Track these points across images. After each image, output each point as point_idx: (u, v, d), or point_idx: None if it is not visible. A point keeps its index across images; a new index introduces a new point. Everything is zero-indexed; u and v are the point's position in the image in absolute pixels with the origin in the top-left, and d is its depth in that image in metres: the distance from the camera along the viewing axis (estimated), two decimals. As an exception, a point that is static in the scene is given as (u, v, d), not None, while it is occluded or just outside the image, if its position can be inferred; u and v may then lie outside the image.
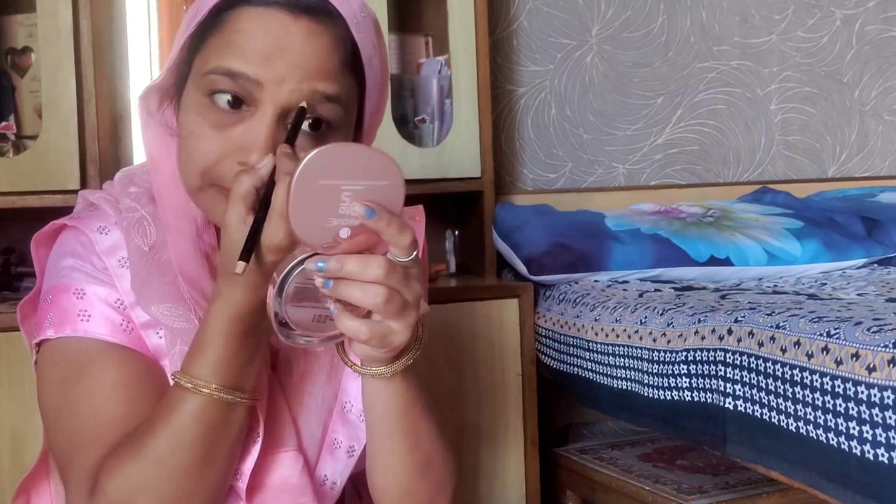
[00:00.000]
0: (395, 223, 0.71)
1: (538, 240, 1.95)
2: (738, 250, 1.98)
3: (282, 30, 0.80)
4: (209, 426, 0.79)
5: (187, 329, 0.85)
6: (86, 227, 0.90)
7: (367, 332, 0.73)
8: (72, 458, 0.83)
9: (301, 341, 0.77)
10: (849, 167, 2.74)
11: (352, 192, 0.69)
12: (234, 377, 0.80)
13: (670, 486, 1.74)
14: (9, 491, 1.51)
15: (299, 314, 0.75)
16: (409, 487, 0.89)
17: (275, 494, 0.88)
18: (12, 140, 1.79)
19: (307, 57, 0.80)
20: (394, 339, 0.75)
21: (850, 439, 1.09)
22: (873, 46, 2.75)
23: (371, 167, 0.70)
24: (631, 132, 2.49)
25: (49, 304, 0.88)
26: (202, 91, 0.82)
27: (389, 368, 0.81)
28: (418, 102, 2.09)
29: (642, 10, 2.49)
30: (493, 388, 1.84)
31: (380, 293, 0.72)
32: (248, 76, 0.80)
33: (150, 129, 0.91)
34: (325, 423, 0.93)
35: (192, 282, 0.87)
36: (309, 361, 0.93)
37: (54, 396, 0.86)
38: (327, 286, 0.72)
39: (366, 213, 0.70)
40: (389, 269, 0.72)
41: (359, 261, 0.71)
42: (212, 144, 0.82)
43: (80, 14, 1.73)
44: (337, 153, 0.69)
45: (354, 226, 0.71)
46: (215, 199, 0.83)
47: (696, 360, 1.40)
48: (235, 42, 0.81)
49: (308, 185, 0.69)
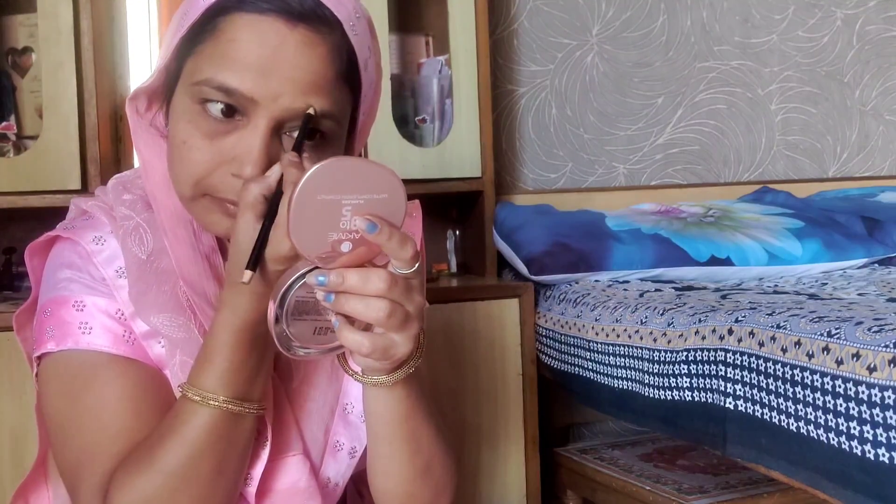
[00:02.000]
0: (397, 236, 0.71)
1: (539, 240, 1.95)
2: (739, 250, 1.98)
3: (277, 39, 0.79)
4: (219, 437, 0.79)
5: (188, 339, 0.85)
6: (81, 237, 0.88)
7: (370, 345, 0.73)
8: (81, 472, 0.83)
9: (301, 353, 0.77)
10: (849, 167, 2.74)
11: (352, 207, 0.69)
12: (242, 388, 0.79)
13: (671, 486, 1.74)
14: (9, 490, 1.51)
15: (300, 327, 0.75)
16: (411, 491, 0.89)
17: (284, 499, 0.88)
18: (13, 140, 1.79)
19: (303, 70, 0.79)
20: (396, 351, 0.75)
21: (850, 439, 1.09)
22: (874, 46, 2.75)
23: (371, 180, 0.70)
24: (631, 132, 2.49)
25: (48, 317, 0.87)
26: (193, 98, 0.81)
27: (390, 378, 0.80)
28: (419, 102, 2.09)
29: (643, 10, 2.49)
30: (493, 387, 1.84)
31: (382, 307, 0.71)
32: (242, 93, 0.78)
33: (140, 131, 0.90)
34: (326, 425, 0.93)
35: (193, 284, 0.87)
36: (309, 365, 0.93)
37: (59, 411, 0.85)
38: (328, 300, 0.72)
39: (367, 228, 0.69)
40: (391, 283, 0.71)
41: (360, 275, 0.71)
42: (204, 154, 0.81)
43: (81, 14, 1.73)
44: (337, 168, 0.69)
45: (355, 239, 0.70)
46: (208, 208, 0.83)
47: (697, 360, 1.40)
48: (230, 54, 0.79)
49: (308, 200, 0.68)
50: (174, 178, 0.85)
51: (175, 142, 0.83)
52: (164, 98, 0.88)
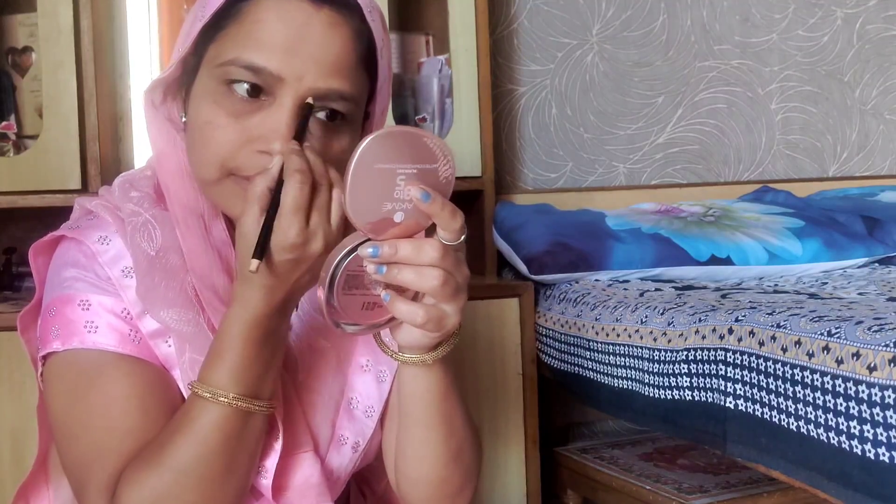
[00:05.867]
0: (448, 207, 0.71)
1: (539, 239, 1.95)
2: (739, 249, 1.98)
3: (303, 19, 0.80)
4: (230, 435, 0.79)
5: (196, 334, 0.84)
6: (86, 237, 0.88)
7: (424, 315, 0.73)
8: (89, 471, 0.82)
9: (349, 330, 0.77)
10: (850, 166, 2.74)
11: (406, 176, 0.69)
12: (253, 385, 0.79)
13: (671, 485, 1.74)
14: (9, 490, 1.51)
15: (348, 302, 0.74)
16: (444, 476, 0.89)
17: (299, 494, 0.88)
18: (13, 140, 1.79)
19: (327, 50, 0.80)
20: (447, 322, 0.75)
21: (850, 438, 1.09)
22: (874, 45, 2.75)
23: (423, 150, 0.70)
24: (631, 131, 2.49)
25: (53, 316, 0.86)
26: (219, 80, 0.81)
27: (431, 355, 0.80)
28: (419, 102, 2.09)
29: (643, 10, 2.49)
30: (493, 387, 1.84)
31: (436, 276, 0.72)
32: (269, 71, 0.79)
33: (156, 122, 0.90)
34: (332, 419, 0.93)
35: (203, 276, 0.87)
36: (315, 359, 0.93)
37: (65, 410, 0.85)
38: (380, 272, 0.72)
39: (422, 197, 0.70)
40: (444, 252, 0.72)
41: (413, 245, 0.71)
42: (230, 134, 0.81)
43: (81, 14, 1.73)
44: (392, 137, 0.69)
45: (407, 209, 0.70)
46: (232, 191, 0.83)
47: (697, 360, 1.40)
48: (255, 34, 0.80)
49: (365, 169, 0.68)
50: (197, 161, 0.84)
51: (198, 124, 0.83)
52: (178, 89, 0.88)
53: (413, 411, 0.85)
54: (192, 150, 0.85)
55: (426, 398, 0.84)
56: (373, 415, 0.94)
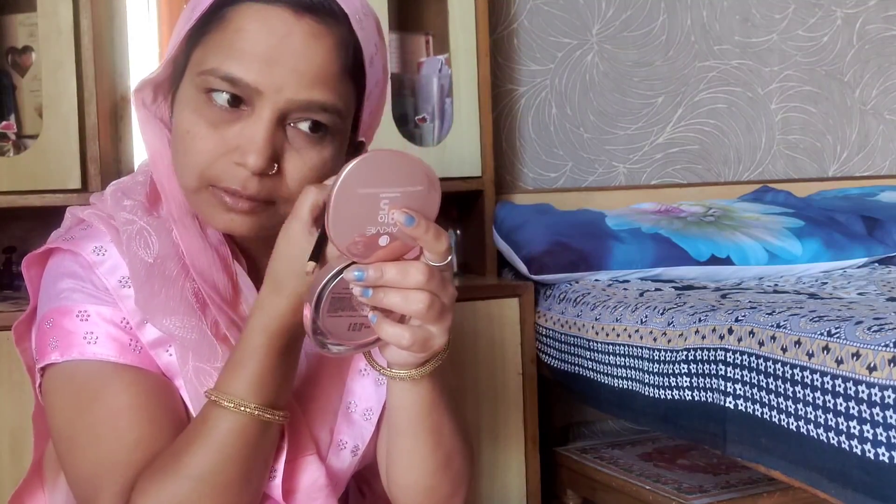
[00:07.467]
0: (433, 229, 0.71)
1: (538, 239, 1.95)
2: (739, 249, 1.98)
3: (284, 29, 0.79)
4: (248, 444, 0.79)
5: (200, 341, 0.84)
6: (81, 249, 0.87)
7: (410, 337, 0.73)
8: (100, 483, 0.81)
9: (335, 350, 0.77)
10: (849, 166, 2.74)
11: (389, 200, 0.69)
12: (272, 395, 0.79)
13: (671, 485, 1.74)
14: (9, 490, 1.51)
15: (335, 324, 0.74)
16: (431, 485, 0.89)
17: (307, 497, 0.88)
18: (13, 139, 1.79)
19: (308, 61, 0.79)
20: (433, 342, 0.75)
21: (850, 438, 1.09)
22: (874, 45, 2.75)
23: (406, 173, 0.70)
24: (631, 131, 2.49)
25: (51, 328, 0.85)
26: (199, 88, 0.81)
27: (419, 371, 0.80)
28: (419, 101, 2.09)
29: (643, 10, 2.49)
30: (493, 387, 1.84)
31: (422, 299, 0.71)
32: (247, 83, 0.79)
33: (148, 121, 0.90)
34: (331, 425, 0.93)
35: (203, 274, 0.86)
36: (313, 366, 0.93)
37: (68, 422, 0.84)
38: (366, 295, 0.72)
39: (406, 221, 0.69)
40: (429, 275, 0.71)
41: (398, 268, 0.71)
42: (208, 143, 0.81)
43: (81, 13, 1.72)
44: (375, 161, 0.69)
45: (392, 233, 0.70)
46: (209, 202, 0.82)
47: (697, 360, 1.40)
48: (237, 43, 0.79)
49: (348, 194, 0.68)
50: (179, 168, 0.84)
51: (179, 132, 0.83)
52: (169, 90, 0.88)
53: (400, 423, 0.85)
54: (175, 156, 0.85)
55: (413, 410, 0.84)
56: (371, 417, 0.94)
